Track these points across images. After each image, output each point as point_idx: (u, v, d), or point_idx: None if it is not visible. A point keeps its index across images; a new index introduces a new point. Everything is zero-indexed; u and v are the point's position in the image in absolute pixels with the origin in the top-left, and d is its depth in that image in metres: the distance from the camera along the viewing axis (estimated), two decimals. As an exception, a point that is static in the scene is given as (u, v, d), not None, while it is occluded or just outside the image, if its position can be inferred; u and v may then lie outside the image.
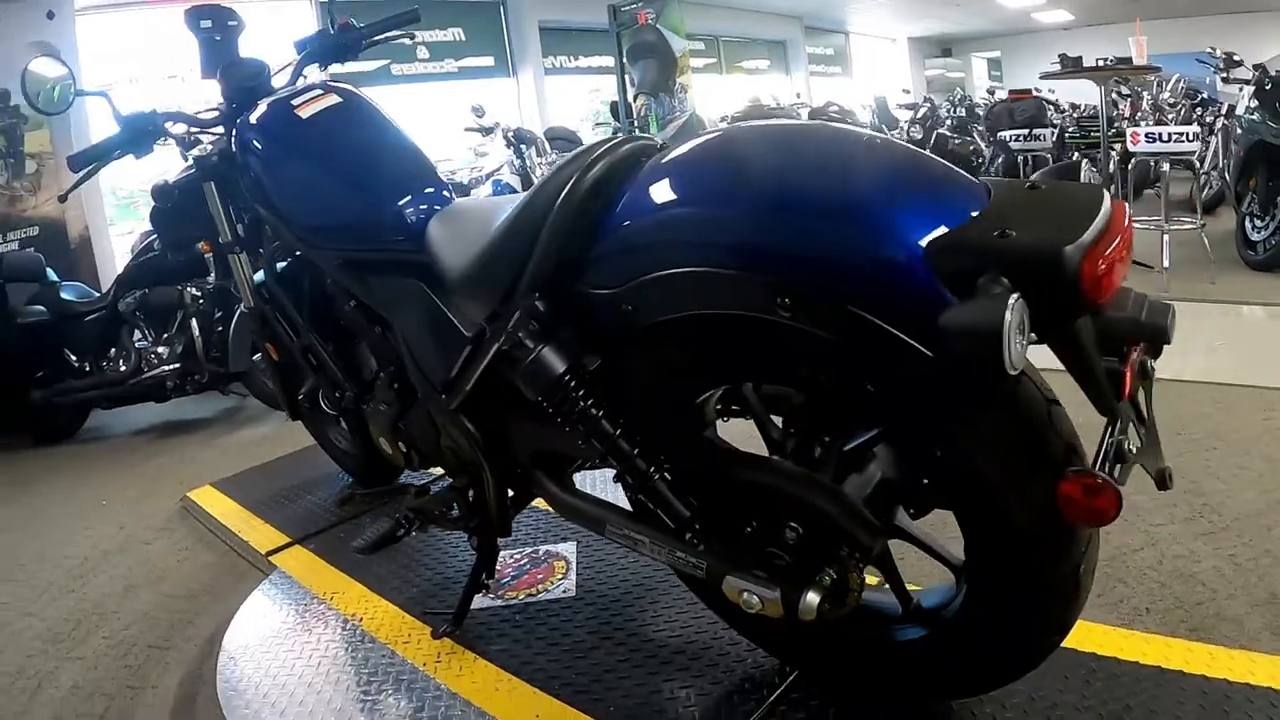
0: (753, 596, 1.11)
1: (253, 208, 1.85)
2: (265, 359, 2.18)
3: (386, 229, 1.55)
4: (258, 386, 3.53)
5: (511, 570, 1.89)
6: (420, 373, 1.52)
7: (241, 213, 1.96)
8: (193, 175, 1.94)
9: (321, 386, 2.01)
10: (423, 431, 1.63)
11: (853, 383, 1.02)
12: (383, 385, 1.72)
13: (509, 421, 1.41)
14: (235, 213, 1.96)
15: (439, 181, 1.65)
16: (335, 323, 1.87)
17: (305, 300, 1.96)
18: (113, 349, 3.73)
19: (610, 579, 1.81)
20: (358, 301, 1.71)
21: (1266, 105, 4.36)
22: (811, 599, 1.06)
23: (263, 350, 2.16)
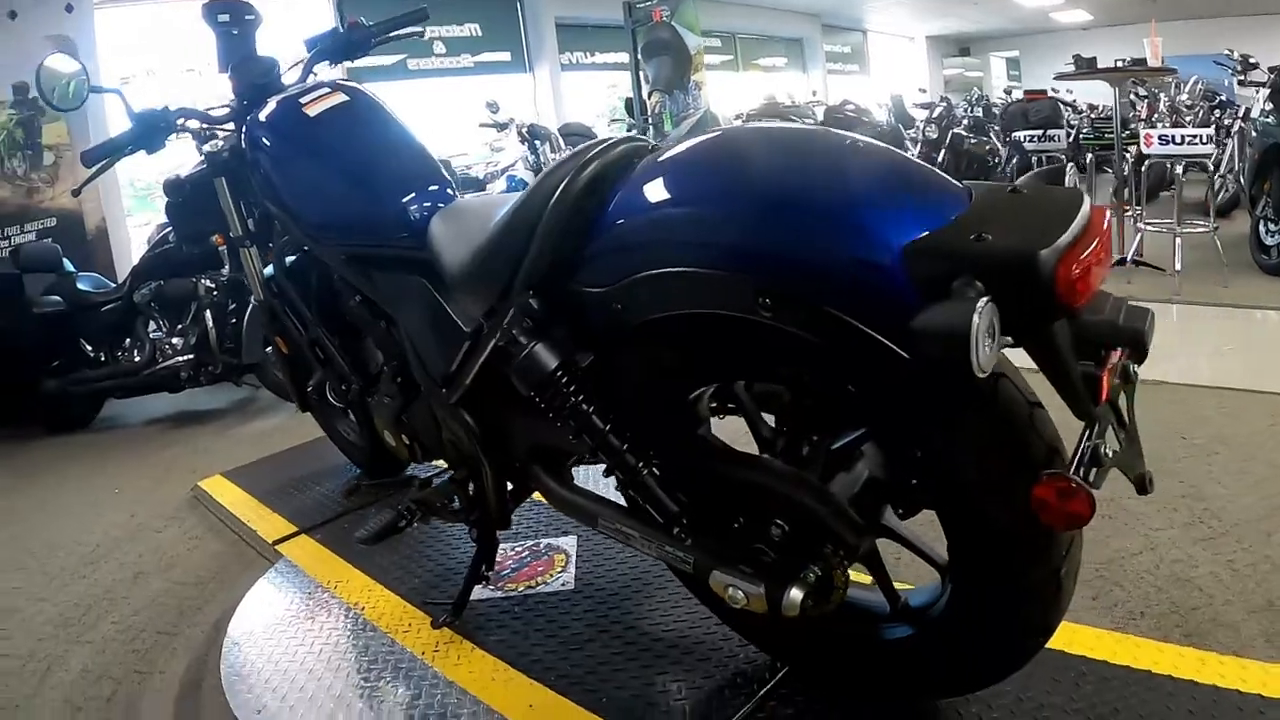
0: (738, 591, 1.12)
1: (262, 203, 1.88)
2: (275, 351, 2.21)
3: (390, 226, 1.58)
4: (270, 378, 3.55)
5: (512, 562, 1.92)
6: (422, 367, 1.55)
7: (252, 208, 2.00)
8: (204, 170, 1.98)
9: (329, 379, 2.04)
10: (425, 425, 1.65)
11: (834, 383, 1.03)
12: (387, 379, 1.75)
13: (506, 416, 1.44)
14: (246, 208, 2.00)
15: (443, 179, 1.67)
16: (342, 317, 1.90)
17: (313, 294, 1.99)
18: (128, 339, 3.77)
19: (609, 574, 1.83)
20: (363, 297, 1.73)
21: (1282, 108, 4.33)
22: (795, 595, 1.08)
23: (272, 343, 2.20)
